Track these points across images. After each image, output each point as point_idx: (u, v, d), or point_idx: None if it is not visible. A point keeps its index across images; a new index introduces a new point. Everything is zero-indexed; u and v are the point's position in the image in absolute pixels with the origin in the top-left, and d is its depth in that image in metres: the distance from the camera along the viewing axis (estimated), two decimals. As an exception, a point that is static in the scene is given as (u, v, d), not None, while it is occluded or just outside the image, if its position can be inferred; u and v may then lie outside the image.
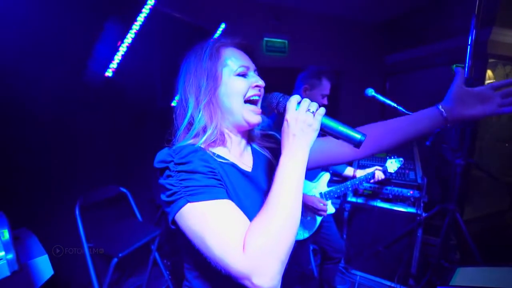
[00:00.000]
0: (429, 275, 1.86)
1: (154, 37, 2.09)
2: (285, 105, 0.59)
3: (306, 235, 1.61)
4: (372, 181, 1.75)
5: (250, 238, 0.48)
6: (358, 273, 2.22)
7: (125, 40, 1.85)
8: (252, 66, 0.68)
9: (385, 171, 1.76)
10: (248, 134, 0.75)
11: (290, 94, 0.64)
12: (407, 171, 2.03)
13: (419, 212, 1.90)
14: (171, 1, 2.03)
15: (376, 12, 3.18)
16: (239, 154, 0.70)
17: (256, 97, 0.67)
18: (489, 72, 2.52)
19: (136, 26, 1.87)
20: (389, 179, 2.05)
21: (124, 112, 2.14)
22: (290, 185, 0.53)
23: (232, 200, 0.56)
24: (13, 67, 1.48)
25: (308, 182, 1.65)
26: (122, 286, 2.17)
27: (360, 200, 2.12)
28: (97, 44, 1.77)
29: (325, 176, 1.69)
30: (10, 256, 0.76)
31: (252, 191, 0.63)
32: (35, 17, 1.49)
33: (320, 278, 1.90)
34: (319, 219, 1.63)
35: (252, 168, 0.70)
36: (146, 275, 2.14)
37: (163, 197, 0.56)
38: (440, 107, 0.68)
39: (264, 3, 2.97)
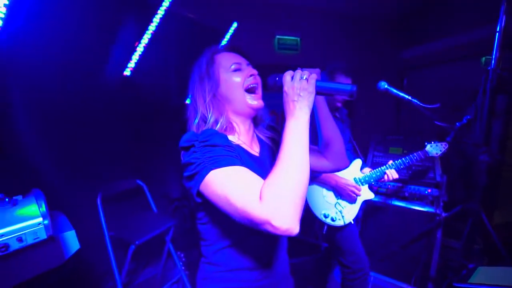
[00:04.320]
0: (450, 278, 1.75)
1: (169, 38, 2.18)
2: (281, 81, 0.67)
3: (346, 221, 1.56)
4: (402, 167, 1.63)
5: (265, 188, 0.54)
6: (372, 273, 2.14)
7: (142, 41, 1.95)
8: (243, 61, 0.79)
9: (425, 153, 1.63)
10: (255, 122, 0.84)
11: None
12: (425, 169, 1.94)
13: (438, 211, 1.80)
14: (185, 2, 2.10)
15: (392, 6, 3.06)
16: (249, 141, 0.80)
17: (254, 85, 0.76)
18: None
19: (152, 27, 1.97)
20: (405, 179, 1.97)
21: (141, 110, 2.25)
22: (296, 141, 0.59)
23: None
24: (42, 69, 1.63)
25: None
26: (138, 275, 2.28)
27: (375, 198, 2.06)
28: (116, 46, 1.88)
29: (357, 162, 1.67)
30: (46, 222, 0.93)
31: (259, 172, 0.68)
32: (60, 23, 1.63)
33: None
34: (357, 204, 1.61)
35: (260, 153, 0.80)
36: (161, 265, 2.24)
37: (187, 173, 0.63)
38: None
39: (276, 2, 2.98)
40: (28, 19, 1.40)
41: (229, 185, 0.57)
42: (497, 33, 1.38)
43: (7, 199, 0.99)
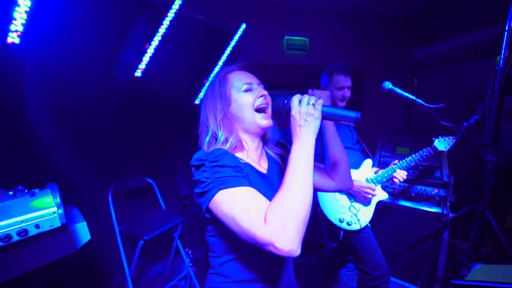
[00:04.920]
0: (450, 276, 1.73)
1: (178, 39, 2.23)
2: (289, 104, 0.70)
3: (362, 224, 1.51)
4: (413, 164, 1.60)
5: (270, 211, 0.57)
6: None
7: (152, 43, 2.01)
8: (255, 81, 0.82)
9: (434, 148, 1.59)
10: (264, 140, 0.87)
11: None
12: (432, 169, 1.92)
13: (445, 212, 1.78)
14: (194, 4, 2.15)
15: (401, 5, 3.03)
16: (257, 158, 0.82)
17: (264, 105, 0.80)
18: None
19: (162, 30, 2.02)
20: (412, 180, 1.96)
21: (151, 110, 2.32)
22: (301, 166, 0.62)
23: None
24: (59, 71, 1.71)
25: (353, 171, 1.60)
26: (147, 271, 2.34)
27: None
28: (127, 48, 1.95)
29: (367, 162, 1.64)
30: (60, 211, 1.03)
31: (266, 189, 0.72)
32: (76, 27, 1.70)
33: None
34: (372, 206, 1.57)
35: (267, 170, 0.83)
36: (169, 261, 2.30)
37: (198, 189, 0.67)
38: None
39: (285, 2, 3.00)
40: (47, 24, 1.48)
41: (236, 206, 0.60)
42: (505, 32, 1.36)
43: (26, 191, 1.09)
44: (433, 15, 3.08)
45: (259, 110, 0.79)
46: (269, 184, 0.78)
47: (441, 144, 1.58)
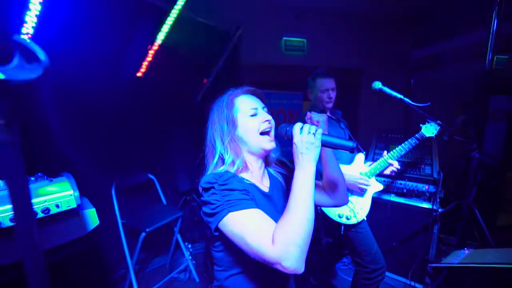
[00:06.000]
0: (446, 273, 1.81)
1: (179, 41, 2.32)
2: (291, 132, 0.76)
3: (359, 219, 1.56)
4: (403, 153, 1.62)
5: (277, 233, 0.63)
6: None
7: (154, 44, 2.10)
8: (260, 105, 0.87)
9: (421, 135, 1.60)
10: (266, 160, 0.93)
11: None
12: (423, 166, 1.99)
13: (435, 207, 1.85)
14: (194, 6, 2.23)
15: (400, 6, 3.09)
16: (260, 178, 0.88)
17: (268, 129, 0.85)
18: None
19: (163, 31, 2.11)
20: (404, 176, 2.02)
21: (153, 109, 2.41)
22: (303, 192, 0.67)
23: None
24: (68, 72, 1.79)
25: (346, 166, 1.66)
26: (148, 265, 2.43)
27: (374, 194, 2.12)
28: (130, 49, 2.04)
29: (360, 156, 1.68)
30: (76, 193, 1.18)
31: (268, 207, 0.78)
32: (83, 30, 1.79)
33: None
34: (368, 199, 1.63)
35: (269, 189, 0.88)
36: (169, 255, 2.38)
37: (207, 210, 0.73)
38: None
39: (283, 3, 3.08)
40: (56, 27, 1.57)
41: (245, 227, 0.66)
42: (490, 35, 1.43)
43: (45, 177, 1.22)
44: (432, 16, 3.14)
45: (263, 133, 0.84)
46: (271, 202, 0.84)
47: (428, 130, 1.59)
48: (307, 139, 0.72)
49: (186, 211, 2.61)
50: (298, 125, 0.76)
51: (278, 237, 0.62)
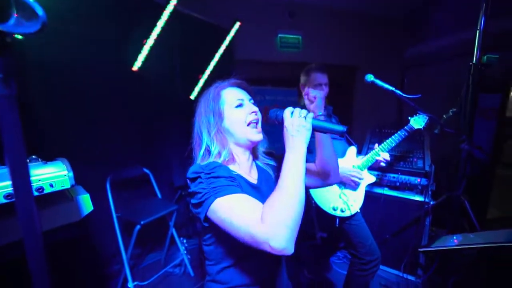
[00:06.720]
0: (437, 265, 1.84)
1: (174, 36, 2.32)
2: (282, 116, 0.77)
3: (352, 211, 1.57)
4: (393, 145, 1.66)
5: (265, 212, 0.63)
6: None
7: (150, 38, 2.10)
8: (246, 97, 0.87)
9: (410, 127, 1.64)
10: (253, 152, 0.93)
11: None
12: (415, 159, 2.03)
13: (427, 200, 1.89)
14: (190, 2, 2.24)
15: (394, 4, 3.14)
16: (248, 170, 0.88)
17: (254, 120, 0.85)
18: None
19: (159, 26, 2.11)
20: (396, 170, 2.05)
21: (149, 103, 2.40)
22: (294, 172, 0.68)
23: None
24: (68, 65, 1.81)
25: (339, 159, 1.66)
26: (143, 260, 2.42)
27: (366, 188, 2.15)
28: (126, 43, 2.04)
29: (352, 150, 1.70)
30: (70, 174, 1.20)
31: (257, 198, 0.78)
32: (82, 26, 1.81)
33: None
34: (362, 191, 1.65)
35: (258, 181, 0.88)
36: (164, 250, 2.38)
37: (195, 200, 0.72)
38: None
39: (278, 0, 3.10)
40: (57, 23, 1.58)
41: (233, 211, 0.65)
42: (477, 33, 1.47)
43: (39, 159, 1.22)
44: (425, 14, 3.19)
45: (250, 125, 0.84)
46: (259, 193, 0.83)
47: (417, 122, 1.62)
48: (298, 122, 0.73)
49: (181, 206, 2.61)
50: (288, 109, 0.77)
51: (267, 216, 0.61)
